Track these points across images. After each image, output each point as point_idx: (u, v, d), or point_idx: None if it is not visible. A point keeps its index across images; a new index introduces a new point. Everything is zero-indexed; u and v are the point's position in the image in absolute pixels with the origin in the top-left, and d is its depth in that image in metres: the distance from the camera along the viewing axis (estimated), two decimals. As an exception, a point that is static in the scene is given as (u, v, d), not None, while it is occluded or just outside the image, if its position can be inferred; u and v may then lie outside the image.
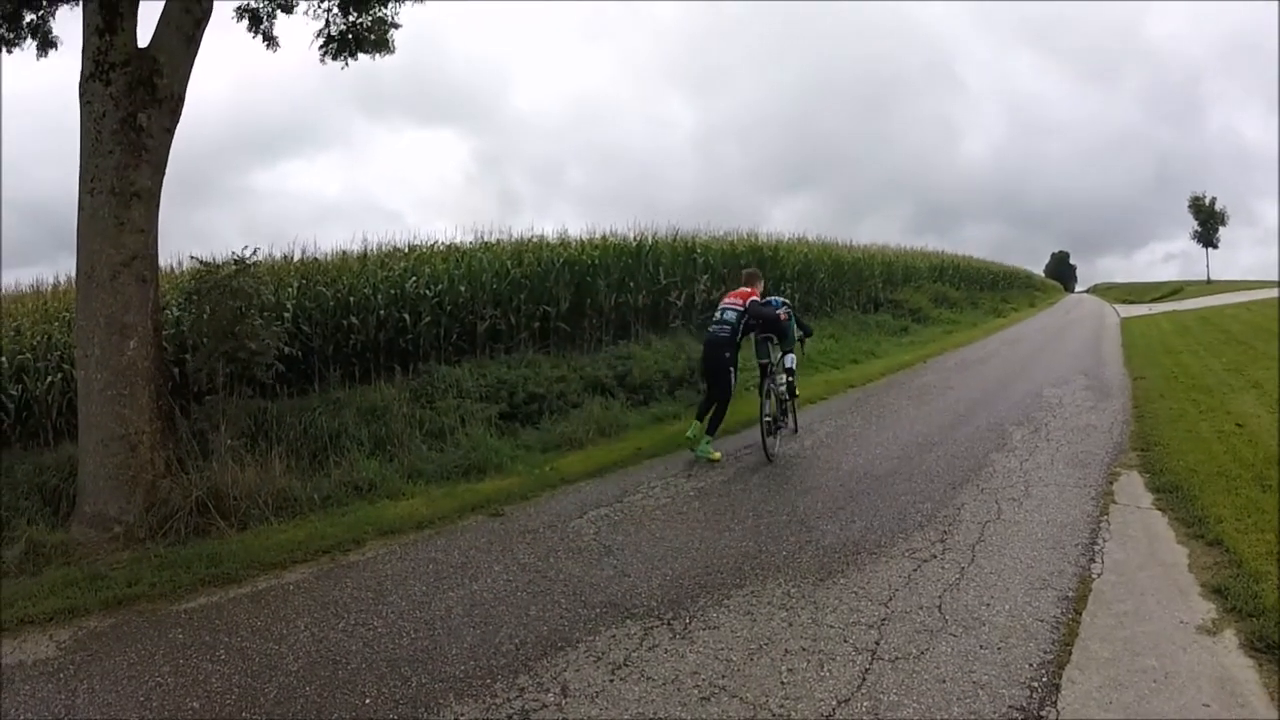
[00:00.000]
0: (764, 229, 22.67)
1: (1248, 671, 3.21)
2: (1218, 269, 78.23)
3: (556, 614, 3.90)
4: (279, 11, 8.18)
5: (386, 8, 8.48)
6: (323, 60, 8.44)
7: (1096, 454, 6.88)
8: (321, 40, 8.36)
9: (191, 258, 6.97)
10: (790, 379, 7.57)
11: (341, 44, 8.42)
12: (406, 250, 9.90)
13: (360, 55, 8.55)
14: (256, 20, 8.10)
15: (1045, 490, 5.84)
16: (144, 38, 5.79)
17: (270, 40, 8.20)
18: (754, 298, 7.34)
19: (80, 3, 5.94)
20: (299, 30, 8.17)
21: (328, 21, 8.33)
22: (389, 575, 4.50)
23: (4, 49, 6.81)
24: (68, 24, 6.63)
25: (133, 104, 5.55)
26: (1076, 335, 20.21)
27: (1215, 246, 65.37)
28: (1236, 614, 3.69)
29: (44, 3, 6.80)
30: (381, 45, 8.56)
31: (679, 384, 9.73)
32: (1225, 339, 15.88)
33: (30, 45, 6.86)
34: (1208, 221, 65.05)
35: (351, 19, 8.41)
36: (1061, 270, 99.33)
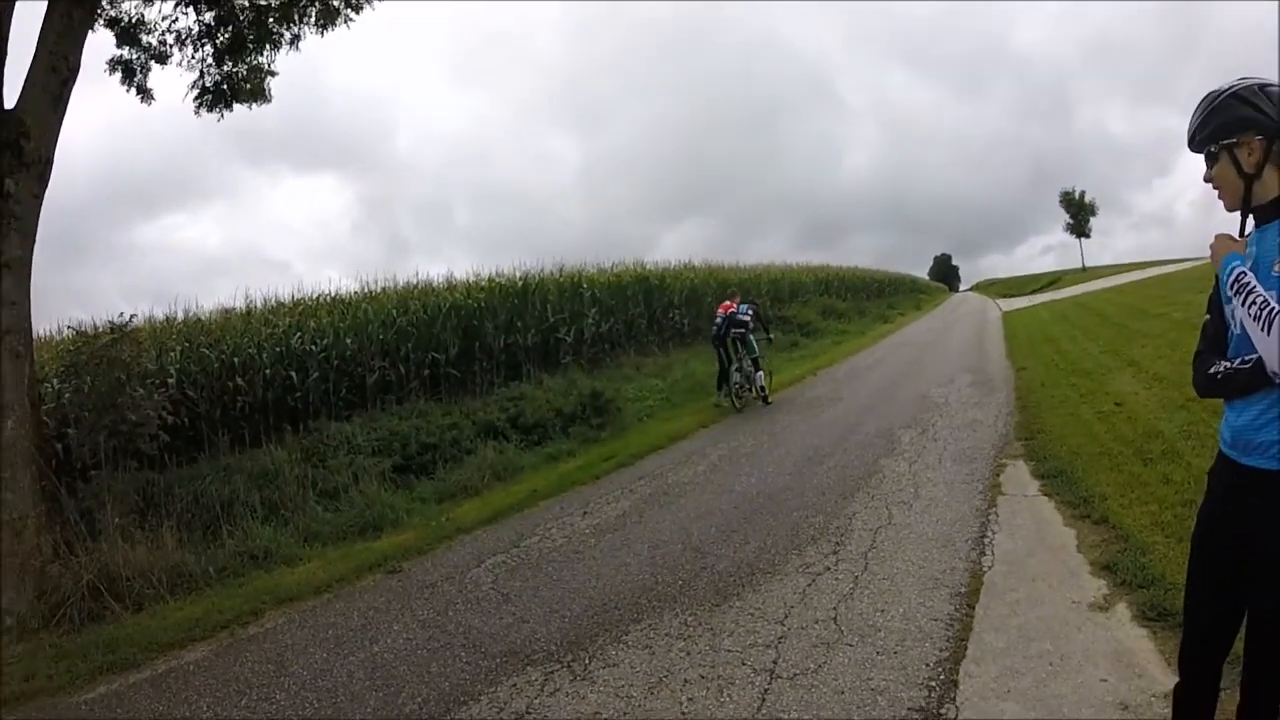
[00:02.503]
0: (653, 257, 23.50)
1: (1142, 641, 3.31)
2: (1094, 255, 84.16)
3: (457, 668, 3.88)
4: (153, 63, 8.06)
5: (262, 55, 8.45)
6: (198, 112, 8.34)
7: (982, 448, 7.11)
8: (196, 91, 8.27)
9: (69, 327, 6.79)
10: (756, 360, 11.25)
11: (217, 95, 8.36)
12: (291, 304, 9.80)
13: (236, 105, 8.49)
14: (130, 73, 7.97)
15: (934, 490, 5.97)
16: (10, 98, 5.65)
17: (144, 93, 8.06)
18: (732, 310, 11.47)
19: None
20: (174, 81, 8.08)
21: (202, 73, 8.26)
22: (289, 645, 4.46)
23: None
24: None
25: (-1, 169, 5.40)
26: (960, 333, 21.16)
27: (1088, 236, 71.07)
28: (1127, 587, 3.81)
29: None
30: (258, 94, 8.53)
31: (572, 420, 9.79)
32: (1101, 322, 16.72)
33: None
34: (1079, 213, 70.17)
35: (227, 68, 8.35)
36: (945, 271, 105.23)
